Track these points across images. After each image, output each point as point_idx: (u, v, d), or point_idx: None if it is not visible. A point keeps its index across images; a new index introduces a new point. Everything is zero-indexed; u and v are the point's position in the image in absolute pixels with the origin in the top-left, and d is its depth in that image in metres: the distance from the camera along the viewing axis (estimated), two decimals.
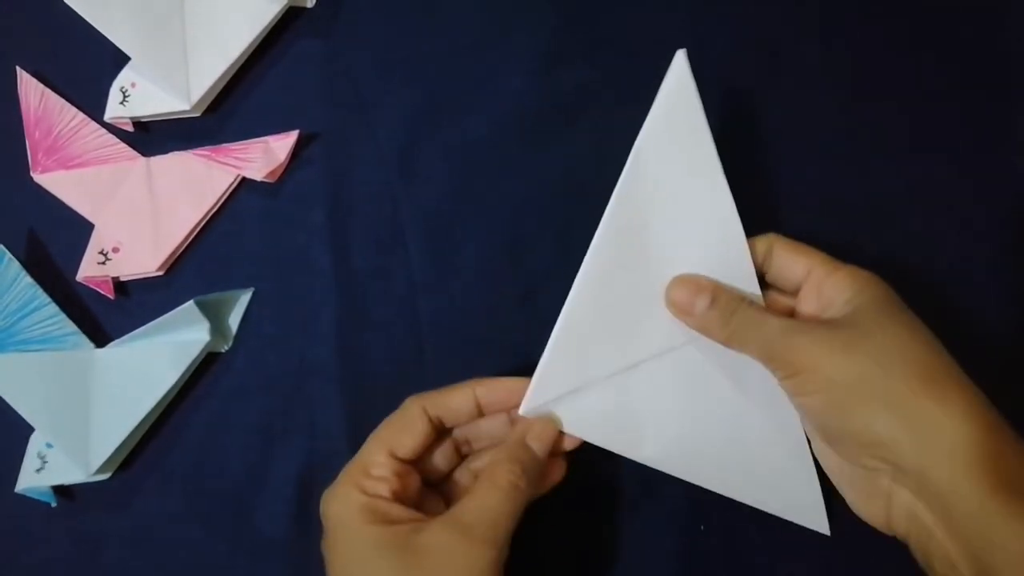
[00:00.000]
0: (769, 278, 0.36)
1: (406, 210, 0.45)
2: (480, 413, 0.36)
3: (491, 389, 0.35)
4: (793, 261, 0.35)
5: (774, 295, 0.37)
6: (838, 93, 0.44)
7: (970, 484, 0.28)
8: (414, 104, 0.46)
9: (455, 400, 0.35)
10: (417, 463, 0.35)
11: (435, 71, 0.46)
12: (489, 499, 0.32)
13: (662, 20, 0.46)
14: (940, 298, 0.41)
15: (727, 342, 0.34)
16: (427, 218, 0.44)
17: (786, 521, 0.39)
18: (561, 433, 0.36)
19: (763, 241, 0.36)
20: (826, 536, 0.38)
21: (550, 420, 0.35)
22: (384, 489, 0.32)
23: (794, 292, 0.36)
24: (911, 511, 0.30)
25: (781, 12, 0.45)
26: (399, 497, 0.33)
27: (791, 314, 0.36)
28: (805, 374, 0.31)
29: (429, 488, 0.36)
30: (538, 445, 0.34)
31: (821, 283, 0.34)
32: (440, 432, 0.36)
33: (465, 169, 0.45)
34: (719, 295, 0.34)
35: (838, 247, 0.42)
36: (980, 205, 0.43)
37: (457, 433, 0.37)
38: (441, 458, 0.36)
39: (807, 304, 0.35)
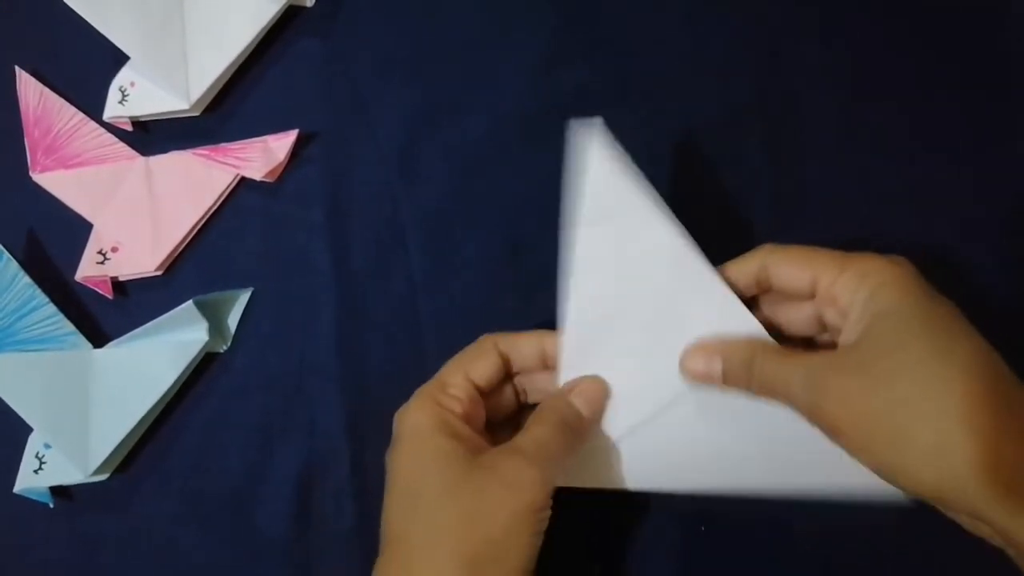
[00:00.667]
0: (776, 294, 0.34)
1: (406, 210, 0.44)
2: (543, 364, 0.36)
3: (556, 343, 0.35)
4: (793, 271, 0.32)
5: (785, 307, 0.34)
6: (838, 93, 0.44)
7: (1011, 516, 0.26)
8: (414, 104, 0.46)
9: (524, 343, 0.36)
10: (486, 397, 0.36)
11: (435, 71, 0.46)
12: (538, 432, 0.33)
13: (662, 20, 0.46)
14: None
15: (759, 396, 0.32)
16: (427, 218, 0.44)
17: (786, 522, 0.39)
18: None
19: (753, 258, 0.33)
20: (826, 537, 0.38)
21: (597, 380, 0.35)
22: (457, 407, 0.34)
23: (805, 296, 0.33)
24: (976, 527, 0.29)
25: (781, 12, 0.45)
26: (468, 419, 0.34)
27: (815, 321, 0.33)
28: (831, 430, 0.29)
29: (490, 427, 0.37)
30: (581, 402, 0.34)
31: (831, 289, 0.31)
32: (507, 372, 0.36)
33: (465, 169, 0.45)
34: (730, 354, 0.32)
35: (838, 248, 0.42)
36: (980, 205, 0.42)
37: (518, 381, 0.37)
38: (505, 399, 0.37)
39: (826, 313, 0.32)
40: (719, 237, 0.43)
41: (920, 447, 0.27)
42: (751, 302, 0.34)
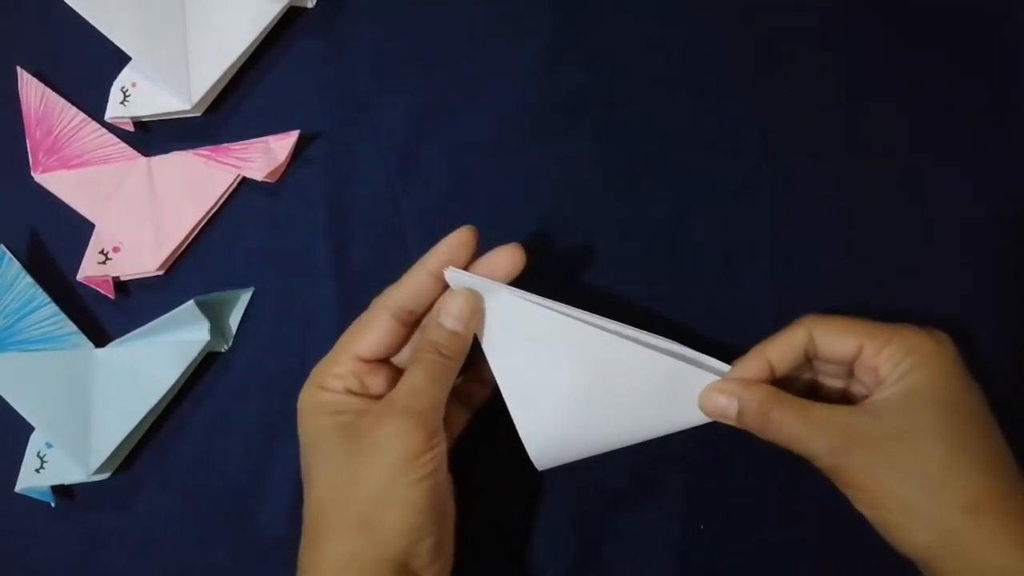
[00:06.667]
0: (819, 363, 0.35)
1: (406, 210, 0.45)
2: (445, 287, 0.36)
3: (436, 256, 0.35)
4: (839, 340, 0.33)
5: (824, 378, 0.35)
6: (838, 93, 0.44)
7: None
8: (414, 104, 0.46)
9: (410, 284, 0.35)
10: (387, 359, 0.36)
11: (435, 71, 0.46)
12: (411, 378, 0.34)
13: (662, 20, 0.46)
14: (940, 298, 0.41)
15: (771, 439, 0.33)
16: (427, 218, 0.44)
17: (786, 521, 0.39)
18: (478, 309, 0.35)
19: (800, 329, 0.34)
20: (826, 537, 0.38)
21: (466, 293, 0.35)
22: (339, 385, 0.35)
23: (849, 368, 0.34)
24: None
25: (781, 13, 0.45)
26: (357, 393, 0.35)
27: (844, 395, 0.35)
28: (856, 490, 0.31)
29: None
30: (451, 321, 0.34)
31: (874, 359, 0.32)
32: (412, 324, 0.36)
33: (465, 169, 0.45)
34: (746, 399, 0.33)
35: (839, 247, 0.42)
36: (980, 205, 0.43)
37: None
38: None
39: (862, 381, 0.33)
40: (718, 237, 0.43)
41: (920, 524, 0.30)
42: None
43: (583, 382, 0.35)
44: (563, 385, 0.35)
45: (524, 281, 0.43)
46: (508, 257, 0.35)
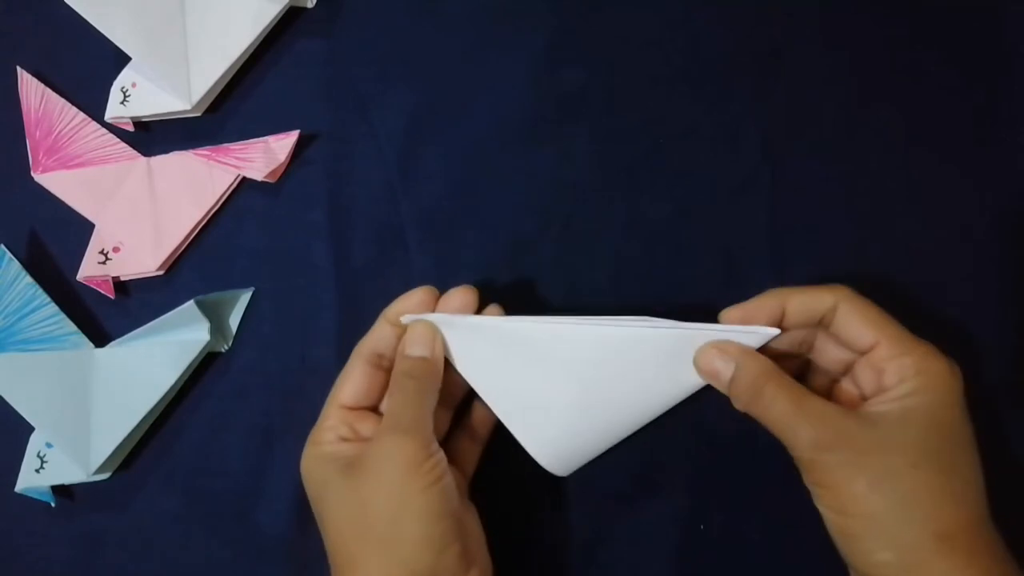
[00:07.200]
0: (831, 331, 0.34)
1: (406, 210, 0.45)
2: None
3: (395, 308, 0.37)
4: (862, 329, 0.32)
5: (817, 364, 0.36)
6: (838, 93, 0.44)
7: None
8: (414, 104, 0.46)
9: (374, 332, 0.37)
10: (372, 407, 0.37)
11: (435, 71, 0.46)
12: (390, 404, 0.35)
13: (661, 20, 0.46)
14: (940, 298, 0.41)
15: (753, 415, 0.33)
16: (427, 218, 0.44)
17: (786, 521, 0.39)
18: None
19: (829, 295, 0.33)
20: (826, 537, 0.38)
21: (423, 322, 0.36)
22: (332, 437, 0.36)
23: (856, 351, 0.33)
24: None
25: (781, 12, 0.45)
26: (350, 440, 0.36)
27: (844, 365, 0.34)
28: (825, 489, 0.31)
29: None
30: (417, 349, 0.36)
31: (884, 362, 0.32)
32: (387, 368, 0.37)
33: (465, 169, 0.45)
34: (744, 368, 0.33)
35: (839, 247, 0.42)
36: (980, 205, 0.43)
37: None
38: (452, 383, 0.37)
39: (862, 376, 0.33)
40: (718, 237, 0.43)
41: (885, 540, 0.30)
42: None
43: (561, 377, 0.35)
44: (547, 388, 0.35)
45: (524, 280, 0.43)
46: (460, 297, 0.37)
